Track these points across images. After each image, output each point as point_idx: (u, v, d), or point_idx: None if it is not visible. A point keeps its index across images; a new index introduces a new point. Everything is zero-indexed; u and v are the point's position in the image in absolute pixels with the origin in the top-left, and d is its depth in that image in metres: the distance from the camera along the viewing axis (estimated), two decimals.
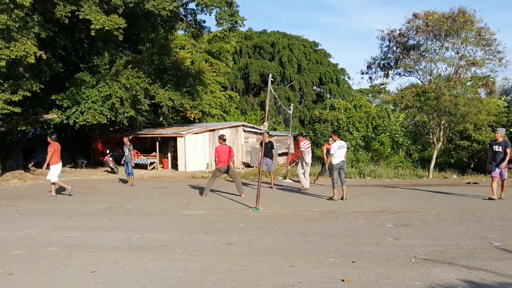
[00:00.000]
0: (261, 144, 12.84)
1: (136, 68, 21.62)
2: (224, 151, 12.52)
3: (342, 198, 11.38)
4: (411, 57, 21.96)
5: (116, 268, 5.36)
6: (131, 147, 16.35)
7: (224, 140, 13.00)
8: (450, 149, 24.79)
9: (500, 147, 11.35)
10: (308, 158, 14.66)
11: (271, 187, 14.84)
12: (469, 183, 16.56)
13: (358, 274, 4.91)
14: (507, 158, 11.31)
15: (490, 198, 11.20)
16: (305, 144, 14.67)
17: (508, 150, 11.25)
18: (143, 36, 24.40)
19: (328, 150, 14.42)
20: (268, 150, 14.60)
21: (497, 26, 68.94)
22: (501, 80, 47.72)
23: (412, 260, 5.49)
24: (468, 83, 21.01)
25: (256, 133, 28.57)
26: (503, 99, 35.48)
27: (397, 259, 5.55)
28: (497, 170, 11.30)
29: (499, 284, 4.53)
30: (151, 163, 24.68)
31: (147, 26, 23.26)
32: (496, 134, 11.90)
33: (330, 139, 14.64)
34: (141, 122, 23.83)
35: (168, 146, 26.02)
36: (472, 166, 22.71)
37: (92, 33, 18.01)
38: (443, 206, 10.16)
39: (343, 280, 4.68)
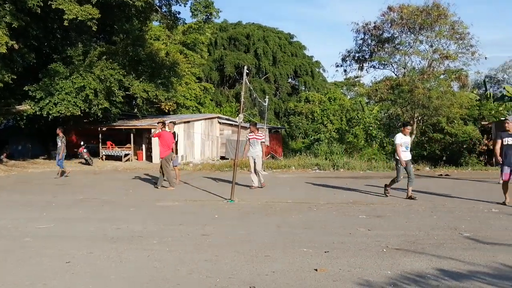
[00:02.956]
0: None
1: (111, 60, 21.30)
2: (169, 138, 12.70)
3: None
4: (385, 50, 22.25)
5: (91, 258, 5.34)
6: (63, 139, 16.05)
7: (164, 125, 13.03)
8: (423, 142, 25.27)
9: None
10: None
11: (172, 186, 12.72)
12: (441, 175, 16.91)
13: (331, 263, 4.98)
14: None
15: (503, 203, 9.07)
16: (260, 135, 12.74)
17: None
18: (117, 27, 24.00)
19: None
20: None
21: (471, 20, 70.54)
22: (474, 73, 48.91)
23: (384, 250, 5.59)
24: (442, 77, 21.43)
25: (231, 125, 28.54)
26: (475, 92, 36.34)
27: (369, 249, 5.64)
28: (507, 169, 9.12)
29: (468, 272, 4.66)
30: (126, 155, 24.45)
31: (121, 17, 22.89)
32: (508, 124, 9.34)
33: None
34: (115, 114, 23.54)
35: (143, 138, 25.80)
36: (444, 158, 23.19)
37: (65, 23, 17.64)
38: (415, 197, 10.33)
39: (316, 270, 4.73)
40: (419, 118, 21.90)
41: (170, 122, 14.00)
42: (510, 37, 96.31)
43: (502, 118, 23.13)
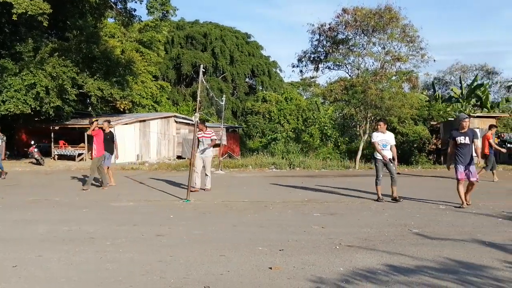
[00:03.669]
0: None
1: (63, 56, 20.69)
2: (103, 137, 12.53)
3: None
4: (340, 51, 22.59)
5: (40, 261, 5.16)
6: (4, 138, 15.56)
7: (92, 123, 12.74)
8: None
9: (467, 138, 8.85)
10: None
11: (105, 186, 12.40)
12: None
13: (285, 261, 5.05)
14: (479, 152, 9.40)
15: (460, 207, 8.76)
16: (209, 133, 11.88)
17: (477, 142, 9.03)
18: (71, 23, 23.35)
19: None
20: (107, 142, 12.88)
21: (420, 23, 73.05)
22: (423, 75, 50.60)
23: (337, 247, 5.72)
24: (393, 78, 22.01)
25: (188, 124, 28.32)
26: (425, 93, 37.69)
27: (322, 246, 5.75)
28: (463, 168, 8.81)
29: (416, 267, 4.84)
30: (79, 154, 23.79)
31: (74, 13, 22.27)
32: (463, 122, 8.92)
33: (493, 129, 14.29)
34: (68, 113, 22.89)
35: None
36: None
37: (14, 17, 16.99)
38: (368, 195, 10.63)
39: (270, 268, 4.79)
40: (372, 118, 22.44)
41: (105, 121, 13.49)
42: (456, 41, 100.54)
43: (450, 118, 24.10)
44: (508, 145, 20.80)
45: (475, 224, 7.10)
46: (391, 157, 9.77)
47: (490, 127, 14.77)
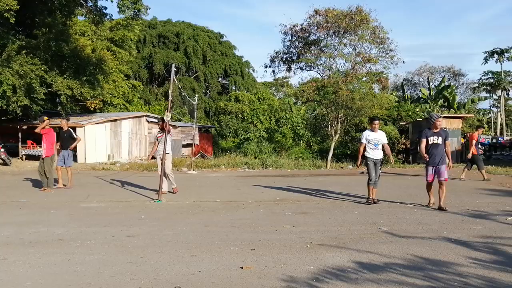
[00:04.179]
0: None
1: (31, 54, 20.17)
2: (54, 136, 12.24)
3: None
4: (312, 52, 22.82)
5: (5, 264, 5.02)
6: None
7: (43, 121, 12.11)
8: (346, 141, 26.26)
9: (440, 138, 8.70)
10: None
11: (47, 187, 11.81)
12: (362, 172, 17.64)
13: (257, 261, 5.07)
14: (450, 154, 8.90)
15: (427, 205, 8.89)
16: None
17: (449, 143, 8.91)
18: (39, 20, 22.76)
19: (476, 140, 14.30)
20: (66, 140, 12.40)
21: (390, 25, 74.54)
22: (393, 76, 51.73)
23: (308, 246, 5.78)
24: (364, 79, 22.37)
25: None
26: (394, 94, 38.41)
27: (294, 245, 5.80)
28: (432, 170, 8.74)
29: (384, 264, 4.93)
30: None
31: (43, 10, 21.74)
32: (437, 122, 8.78)
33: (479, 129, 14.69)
34: (36, 112, 22.31)
35: None
36: None
37: None
38: (338, 195, 10.76)
39: (242, 268, 4.80)
40: (343, 118, 22.74)
41: (63, 119, 13.11)
42: (424, 43, 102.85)
43: (418, 119, 24.62)
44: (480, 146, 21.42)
45: (442, 222, 7.29)
46: (381, 157, 9.40)
47: (477, 127, 15.13)
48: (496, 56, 46.50)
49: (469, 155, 14.15)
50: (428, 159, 8.74)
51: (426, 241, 6.02)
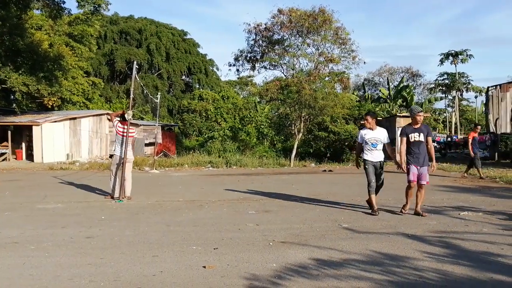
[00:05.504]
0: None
1: None
2: None
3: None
4: (276, 51, 22.96)
5: None
6: None
7: None
8: (309, 140, 26.55)
9: (422, 134, 7.77)
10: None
11: None
12: (325, 171, 17.97)
13: (219, 260, 5.07)
14: (433, 152, 8.00)
15: (401, 211, 7.98)
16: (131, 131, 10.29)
17: (431, 139, 7.93)
18: None
19: (474, 139, 14.14)
20: None
21: (351, 26, 75.93)
22: (354, 76, 52.79)
23: (271, 243, 5.83)
24: (326, 79, 22.70)
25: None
26: (355, 94, 39.19)
27: (257, 243, 5.84)
28: (416, 169, 7.73)
29: (344, 260, 5.04)
30: (2, 154, 22.47)
31: None
32: (417, 116, 7.78)
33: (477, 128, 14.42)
34: None
35: (23, 135, 23.93)
36: (328, 155, 24.66)
37: None
38: (301, 192, 10.90)
39: (204, 267, 4.79)
40: (306, 117, 23.00)
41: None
42: (384, 44, 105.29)
43: (379, 118, 25.17)
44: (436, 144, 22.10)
45: (399, 218, 7.50)
46: (382, 160, 8.08)
47: (475, 126, 15.20)
48: (451, 58, 48.18)
49: (472, 154, 14.19)
50: (408, 159, 7.74)
51: (384, 236, 6.18)
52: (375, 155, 7.99)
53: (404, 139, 7.79)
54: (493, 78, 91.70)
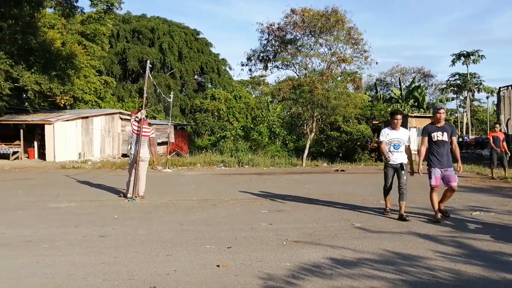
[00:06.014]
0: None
1: None
2: None
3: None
4: (288, 51, 22.95)
5: None
6: None
7: None
8: (321, 139, 26.50)
9: (446, 134, 7.22)
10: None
11: None
12: (337, 170, 17.91)
13: (233, 259, 5.10)
14: (458, 153, 7.49)
15: (435, 220, 7.15)
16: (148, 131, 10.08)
17: (455, 139, 7.45)
18: (4, 11, 22.12)
19: (494, 138, 13.98)
20: None
21: (364, 26, 75.62)
22: (366, 76, 52.56)
23: (284, 243, 5.84)
24: (339, 78, 22.64)
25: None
26: (367, 94, 39.04)
27: (270, 242, 5.86)
28: (438, 173, 7.17)
29: (358, 259, 5.04)
30: (14, 153, 22.69)
31: (8, 1, 21.10)
32: (437, 114, 7.26)
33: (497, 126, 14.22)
34: (1, 108, 21.71)
35: (35, 134, 24.17)
36: (340, 155, 24.62)
37: None
38: (314, 192, 10.88)
39: (218, 266, 4.81)
40: (318, 117, 22.96)
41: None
42: (396, 45, 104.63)
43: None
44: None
45: (412, 218, 7.46)
46: (403, 162, 7.55)
47: (495, 125, 15.13)
48: (462, 58, 47.80)
49: (498, 151, 13.98)
50: (430, 161, 7.23)
51: (397, 236, 6.17)
52: (396, 157, 7.51)
53: (425, 139, 7.30)
54: (500, 79, 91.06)
